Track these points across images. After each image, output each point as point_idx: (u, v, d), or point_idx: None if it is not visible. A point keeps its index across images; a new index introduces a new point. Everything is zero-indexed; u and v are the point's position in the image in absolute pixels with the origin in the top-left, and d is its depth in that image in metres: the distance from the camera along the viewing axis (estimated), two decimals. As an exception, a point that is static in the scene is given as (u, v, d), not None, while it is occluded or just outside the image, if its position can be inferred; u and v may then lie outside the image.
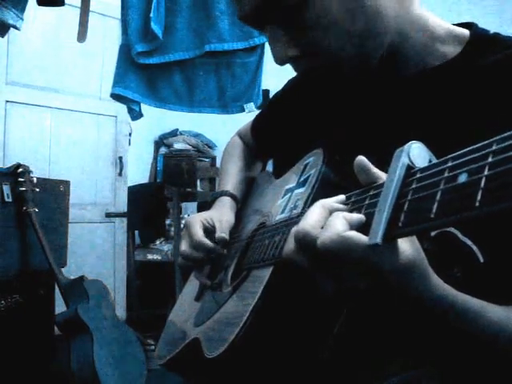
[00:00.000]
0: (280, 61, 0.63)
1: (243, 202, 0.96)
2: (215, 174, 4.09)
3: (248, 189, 0.99)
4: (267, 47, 2.14)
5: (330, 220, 0.44)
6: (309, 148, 0.69)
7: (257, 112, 1.05)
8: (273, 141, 0.92)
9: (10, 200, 1.89)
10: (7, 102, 2.71)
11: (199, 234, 0.83)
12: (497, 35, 0.65)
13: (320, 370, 0.63)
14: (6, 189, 1.89)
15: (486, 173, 0.32)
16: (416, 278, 0.45)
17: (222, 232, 0.84)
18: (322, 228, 0.45)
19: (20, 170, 1.93)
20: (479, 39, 0.64)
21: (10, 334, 1.83)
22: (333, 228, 0.43)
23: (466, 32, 0.66)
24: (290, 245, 0.48)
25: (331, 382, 0.64)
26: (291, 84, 0.90)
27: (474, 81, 0.61)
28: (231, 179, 0.98)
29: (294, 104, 0.85)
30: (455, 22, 0.68)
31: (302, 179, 0.67)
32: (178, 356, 0.80)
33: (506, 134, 0.32)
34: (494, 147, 0.33)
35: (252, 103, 2.23)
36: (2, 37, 2.00)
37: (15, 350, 1.83)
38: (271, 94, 1.02)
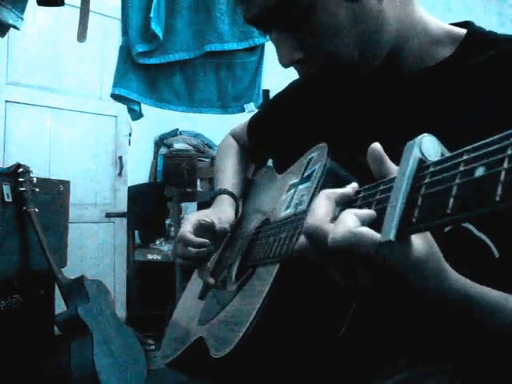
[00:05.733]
0: (285, 63, 0.65)
1: (244, 200, 0.96)
2: (215, 174, 4.07)
3: (246, 187, 0.99)
4: (267, 47, 2.14)
5: (341, 216, 0.43)
6: (310, 146, 0.69)
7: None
8: (272, 140, 0.92)
9: (10, 200, 1.89)
10: (7, 101, 2.71)
11: (185, 229, 0.84)
12: (491, 33, 0.65)
13: (326, 368, 0.63)
14: (6, 189, 1.89)
15: (505, 166, 0.31)
16: (430, 273, 0.44)
17: (221, 224, 0.85)
18: (331, 220, 0.44)
19: (20, 169, 1.93)
20: (474, 38, 0.65)
21: (10, 333, 1.83)
22: (343, 224, 0.42)
23: (462, 31, 0.66)
24: (303, 241, 0.48)
25: (337, 381, 0.64)
26: (294, 85, 0.90)
27: (468, 78, 0.61)
28: (228, 178, 0.99)
29: (297, 104, 0.85)
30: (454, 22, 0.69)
31: (306, 174, 0.66)
32: (182, 355, 0.80)
33: None
34: None
35: (252, 103, 2.23)
36: (2, 37, 2.00)
37: (15, 350, 1.83)
38: (271, 94, 1.02)
